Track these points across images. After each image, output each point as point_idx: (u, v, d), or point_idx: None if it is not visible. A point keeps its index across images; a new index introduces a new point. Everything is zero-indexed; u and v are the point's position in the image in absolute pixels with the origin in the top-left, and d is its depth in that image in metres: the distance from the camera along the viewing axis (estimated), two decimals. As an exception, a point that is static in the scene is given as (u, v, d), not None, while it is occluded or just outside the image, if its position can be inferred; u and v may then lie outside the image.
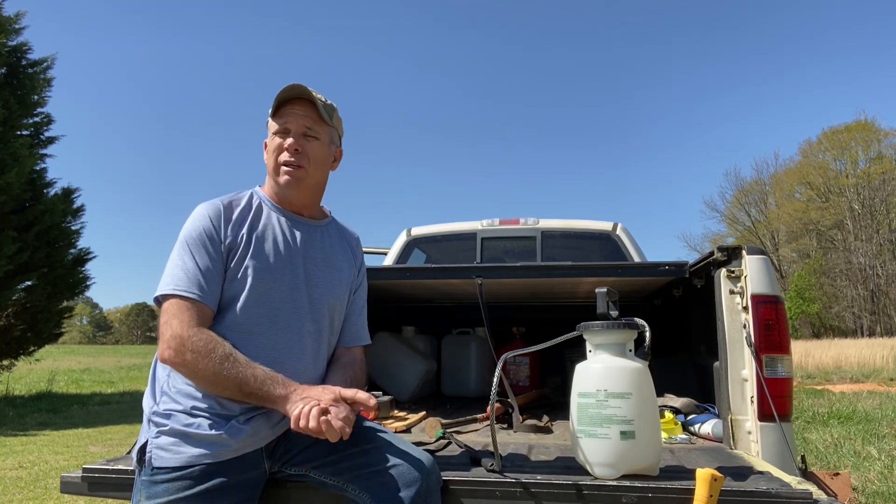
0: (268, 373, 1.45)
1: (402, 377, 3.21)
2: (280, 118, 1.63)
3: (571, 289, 2.85)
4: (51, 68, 12.08)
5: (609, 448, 1.52)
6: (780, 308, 1.95)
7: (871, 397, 9.72)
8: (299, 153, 1.62)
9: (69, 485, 1.68)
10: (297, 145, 1.62)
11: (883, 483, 3.99)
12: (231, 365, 1.43)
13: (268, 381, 1.44)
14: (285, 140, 1.62)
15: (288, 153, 1.62)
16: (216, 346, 1.44)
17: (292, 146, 1.61)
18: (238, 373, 1.43)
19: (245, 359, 1.46)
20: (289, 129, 1.63)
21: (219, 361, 1.42)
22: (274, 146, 1.64)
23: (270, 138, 1.66)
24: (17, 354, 11.91)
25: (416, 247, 4.59)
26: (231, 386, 1.43)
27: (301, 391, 1.44)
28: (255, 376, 1.43)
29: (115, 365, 25.53)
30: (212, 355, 1.43)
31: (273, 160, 1.64)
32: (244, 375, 1.43)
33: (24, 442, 6.28)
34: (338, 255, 1.75)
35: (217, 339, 1.46)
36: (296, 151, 1.62)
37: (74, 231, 12.21)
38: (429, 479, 1.46)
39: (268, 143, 1.67)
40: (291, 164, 1.62)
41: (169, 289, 1.50)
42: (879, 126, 42.89)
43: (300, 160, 1.63)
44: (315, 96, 1.64)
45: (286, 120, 1.62)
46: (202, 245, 1.54)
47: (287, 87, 1.62)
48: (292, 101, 1.64)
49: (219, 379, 1.43)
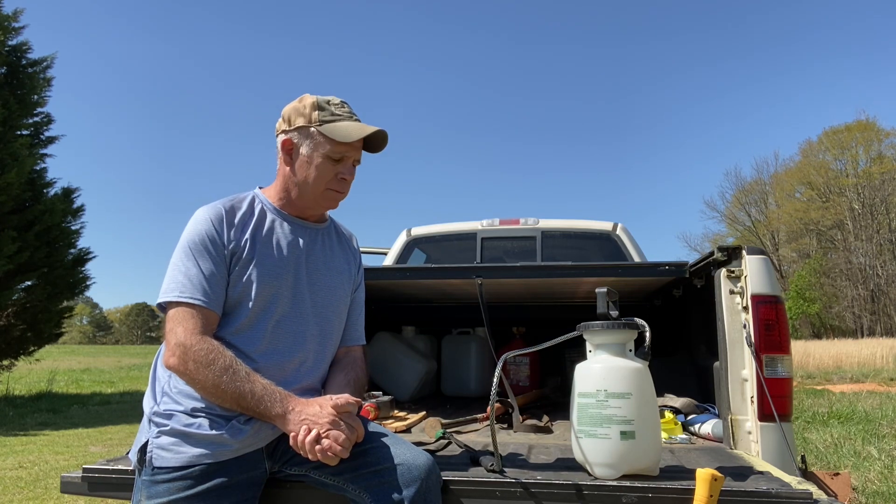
0: (266, 388, 1.45)
1: (402, 377, 3.21)
2: (343, 147, 1.61)
3: (571, 289, 2.85)
4: (51, 68, 12.10)
5: (609, 448, 1.52)
6: (780, 308, 1.95)
7: (871, 397, 9.72)
8: (347, 182, 1.66)
9: (69, 485, 1.68)
10: (351, 176, 1.66)
11: (883, 483, 3.99)
12: (230, 378, 1.43)
13: (265, 398, 1.43)
14: (341, 168, 1.63)
15: (343, 183, 1.65)
16: (217, 357, 1.44)
17: (351, 178, 1.66)
18: (237, 387, 1.42)
19: (246, 371, 1.45)
20: (347, 159, 1.64)
21: (218, 373, 1.42)
22: (325, 169, 1.61)
23: (320, 158, 1.61)
24: (17, 354, 11.91)
25: (416, 247, 4.60)
26: (229, 399, 1.44)
27: (298, 411, 1.43)
28: (252, 392, 1.43)
29: (115, 365, 25.54)
30: (212, 367, 1.43)
31: (321, 182, 1.62)
32: (242, 390, 1.43)
33: (24, 442, 6.29)
34: (338, 256, 1.76)
35: (219, 350, 1.46)
36: (344, 180, 1.66)
37: (74, 231, 12.21)
38: (429, 479, 1.46)
39: (308, 156, 1.61)
40: (341, 192, 1.67)
41: (173, 295, 1.50)
42: (880, 126, 42.93)
43: (346, 188, 1.68)
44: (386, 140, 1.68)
45: (348, 151, 1.63)
46: (205, 249, 1.54)
47: (377, 130, 1.62)
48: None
49: (218, 391, 1.43)
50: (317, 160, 1.61)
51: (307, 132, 1.62)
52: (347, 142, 1.60)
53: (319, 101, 1.63)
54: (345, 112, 1.64)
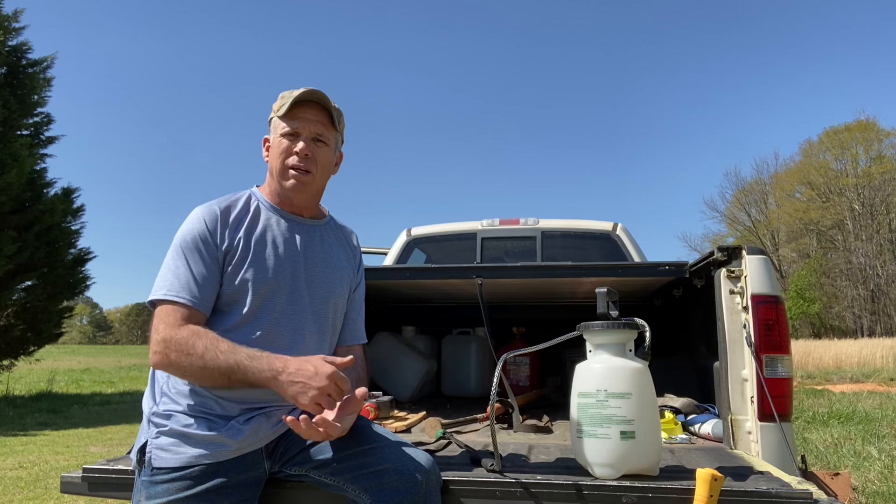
0: (252, 356, 1.41)
1: (402, 377, 3.21)
2: (291, 120, 1.61)
3: (571, 289, 2.85)
4: (51, 68, 12.12)
5: (609, 448, 1.52)
6: (780, 308, 1.95)
7: (871, 397, 9.72)
8: (309, 158, 1.61)
9: (69, 485, 1.68)
10: (308, 150, 1.61)
11: (883, 483, 3.99)
12: (213, 357, 1.40)
13: (252, 366, 1.39)
14: (295, 144, 1.61)
15: (298, 158, 1.60)
16: (195, 340, 1.41)
17: (303, 151, 1.60)
18: (221, 362, 1.40)
19: (228, 345, 1.42)
20: (299, 132, 1.61)
21: (200, 355, 1.40)
22: (282, 148, 1.61)
23: (277, 139, 1.63)
24: (17, 354, 11.92)
25: (416, 247, 4.60)
26: (219, 377, 1.41)
27: (291, 371, 1.38)
28: (238, 364, 1.40)
29: (115, 365, 25.54)
30: (193, 351, 1.40)
31: (280, 162, 1.62)
32: (228, 363, 1.40)
33: (24, 442, 6.29)
34: (338, 254, 1.75)
35: (198, 332, 1.43)
36: (306, 157, 1.61)
37: (74, 231, 12.23)
38: (429, 479, 1.46)
39: (272, 142, 1.65)
40: (300, 168, 1.61)
41: (160, 294, 1.49)
42: (880, 126, 42.89)
43: (309, 165, 1.62)
44: (330, 103, 1.64)
45: (298, 123, 1.61)
46: (196, 249, 1.53)
47: (305, 90, 1.61)
48: (305, 104, 1.62)
49: (205, 372, 1.41)
50: (276, 142, 1.63)
51: (272, 123, 1.66)
52: (287, 110, 1.59)
53: (283, 93, 1.66)
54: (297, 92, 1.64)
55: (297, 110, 1.61)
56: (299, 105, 1.61)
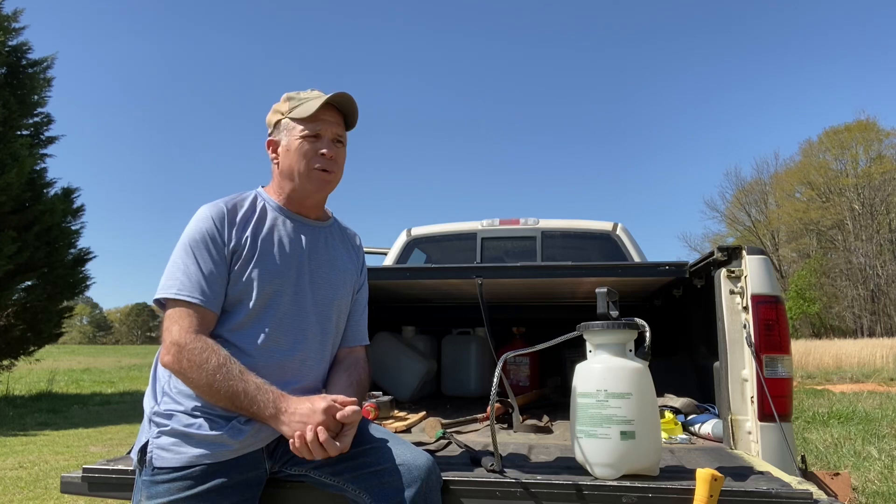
0: (260, 387, 1.44)
1: (402, 377, 3.21)
2: (313, 123, 1.62)
3: (571, 289, 2.85)
4: (51, 68, 12.11)
5: (609, 448, 1.52)
6: (780, 308, 1.95)
7: (871, 397, 9.72)
8: (332, 160, 1.64)
9: (69, 485, 1.68)
10: (332, 153, 1.63)
11: (883, 483, 3.99)
12: (223, 377, 1.42)
13: (258, 398, 1.43)
14: (319, 145, 1.62)
15: (324, 159, 1.62)
16: (210, 355, 1.44)
17: (329, 153, 1.63)
18: (230, 386, 1.42)
19: (239, 369, 1.44)
20: (321, 134, 1.63)
21: (211, 372, 1.42)
22: (304, 150, 1.61)
23: (296, 141, 1.62)
24: (17, 354, 11.92)
25: (416, 247, 4.60)
26: (223, 398, 1.43)
27: (291, 412, 1.42)
28: (245, 392, 1.43)
29: (115, 365, 25.54)
30: (205, 366, 1.42)
31: (305, 164, 1.62)
32: (235, 390, 1.42)
33: (24, 442, 6.29)
34: (341, 255, 1.75)
35: (212, 348, 1.45)
36: (331, 159, 1.63)
37: (74, 231, 12.22)
38: (429, 479, 1.46)
39: (288, 144, 1.63)
40: (326, 170, 1.63)
41: (171, 292, 1.50)
42: (880, 126, 42.88)
43: (332, 167, 1.64)
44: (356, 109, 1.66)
45: (320, 126, 1.62)
46: (205, 248, 1.54)
47: (337, 94, 1.62)
48: (323, 105, 1.62)
49: (211, 390, 1.43)
50: (294, 144, 1.62)
51: (282, 124, 1.65)
52: (311, 113, 1.60)
53: (290, 95, 1.67)
54: (313, 95, 1.66)
55: (318, 112, 1.62)
56: (320, 107, 1.62)
